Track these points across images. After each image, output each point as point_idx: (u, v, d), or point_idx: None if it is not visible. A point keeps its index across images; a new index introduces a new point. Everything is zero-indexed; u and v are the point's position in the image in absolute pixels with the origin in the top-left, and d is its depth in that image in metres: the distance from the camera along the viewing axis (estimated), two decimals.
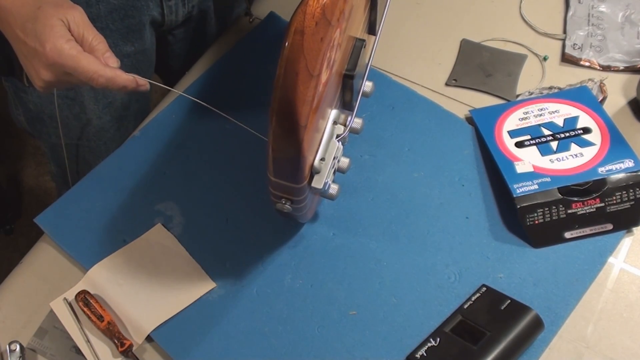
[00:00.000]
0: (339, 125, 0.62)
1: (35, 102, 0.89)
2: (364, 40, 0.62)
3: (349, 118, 0.63)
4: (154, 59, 0.94)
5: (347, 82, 0.61)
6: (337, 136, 0.61)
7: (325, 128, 0.60)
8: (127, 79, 0.64)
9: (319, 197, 0.71)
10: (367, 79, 0.69)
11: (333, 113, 0.60)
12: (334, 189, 0.68)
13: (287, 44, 0.50)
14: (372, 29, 0.70)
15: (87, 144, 0.93)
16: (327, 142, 0.60)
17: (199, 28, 0.98)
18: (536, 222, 0.74)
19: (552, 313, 0.70)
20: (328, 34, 0.52)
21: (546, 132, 0.80)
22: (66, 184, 1.00)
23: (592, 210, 0.74)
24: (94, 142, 0.93)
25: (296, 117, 0.52)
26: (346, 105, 0.66)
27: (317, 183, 0.59)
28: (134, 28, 0.85)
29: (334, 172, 0.65)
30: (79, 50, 0.62)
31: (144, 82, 0.66)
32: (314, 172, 0.60)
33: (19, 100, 0.91)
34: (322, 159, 0.59)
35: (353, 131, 0.71)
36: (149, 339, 0.71)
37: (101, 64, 0.63)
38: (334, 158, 0.62)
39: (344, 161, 0.70)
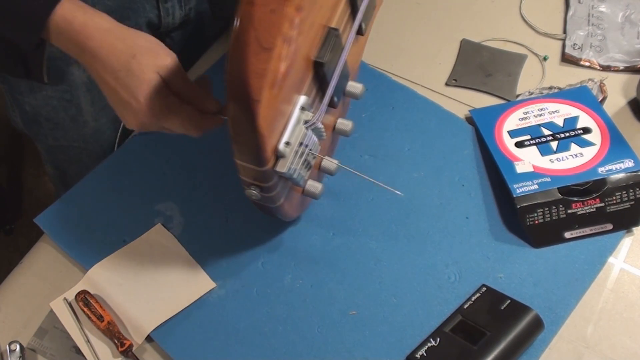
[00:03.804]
0: (308, 112, 0.61)
1: (31, 104, 0.88)
2: (337, 30, 0.62)
3: (321, 107, 0.63)
4: None
5: (320, 71, 0.61)
6: (305, 122, 0.60)
7: (292, 113, 0.59)
8: (218, 122, 0.65)
9: (303, 195, 0.71)
10: (357, 81, 0.69)
11: (302, 99, 0.60)
12: (316, 187, 0.68)
13: (237, 14, 0.51)
14: (360, 31, 0.69)
15: (84, 145, 0.93)
16: (294, 126, 0.59)
17: (196, 30, 0.98)
18: (536, 222, 0.74)
19: (552, 313, 0.70)
20: (280, 7, 0.51)
21: (546, 132, 0.80)
22: (63, 186, 1.00)
23: (592, 210, 0.74)
24: (91, 144, 0.93)
25: (248, 89, 0.51)
26: (331, 104, 0.66)
27: (281, 167, 0.59)
28: None
29: (307, 164, 0.64)
30: (172, 109, 0.62)
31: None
32: (278, 155, 0.59)
33: (15, 102, 0.91)
34: (288, 143, 0.59)
35: (341, 133, 0.72)
36: (149, 339, 0.71)
37: (195, 121, 0.63)
38: (303, 145, 0.61)
39: (332, 162, 0.70)
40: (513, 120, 0.82)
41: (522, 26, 0.95)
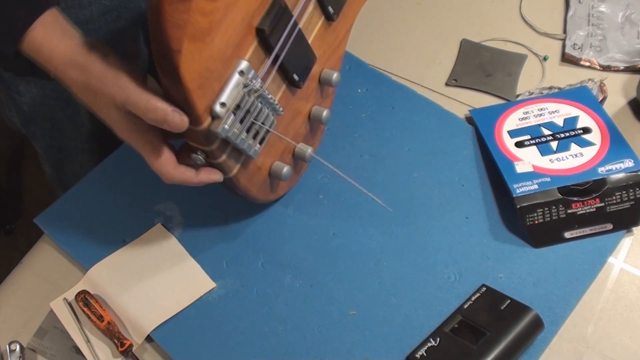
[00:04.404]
0: (253, 79, 0.61)
1: (28, 104, 0.88)
2: (281, 0, 0.62)
3: (260, 73, 0.63)
4: (147, 60, 0.94)
5: (264, 40, 0.61)
6: (245, 86, 0.60)
7: (231, 76, 0.60)
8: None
9: (270, 176, 0.71)
10: (335, 72, 0.70)
11: (243, 64, 0.60)
12: (280, 167, 0.69)
13: None
14: (328, 15, 0.69)
15: (81, 145, 0.93)
16: (232, 89, 0.60)
17: None
18: (536, 222, 0.74)
19: (552, 313, 0.70)
20: None
21: (546, 132, 0.80)
22: (60, 185, 1.00)
23: (592, 210, 0.74)
24: (88, 144, 0.93)
25: (166, 38, 0.53)
26: (293, 83, 0.67)
27: (215, 127, 0.59)
28: (127, 29, 0.85)
29: (257, 134, 0.64)
30: (145, 148, 0.63)
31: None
32: (213, 115, 0.59)
33: (12, 102, 0.90)
34: (223, 104, 0.59)
35: (317, 120, 0.73)
36: (149, 339, 0.71)
37: (152, 145, 0.63)
38: (243, 109, 0.61)
39: (305, 148, 0.71)
40: (513, 120, 0.82)
41: (522, 26, 0.95)
